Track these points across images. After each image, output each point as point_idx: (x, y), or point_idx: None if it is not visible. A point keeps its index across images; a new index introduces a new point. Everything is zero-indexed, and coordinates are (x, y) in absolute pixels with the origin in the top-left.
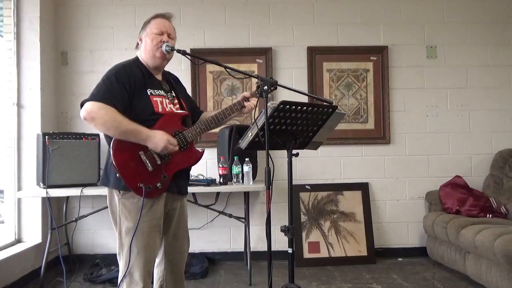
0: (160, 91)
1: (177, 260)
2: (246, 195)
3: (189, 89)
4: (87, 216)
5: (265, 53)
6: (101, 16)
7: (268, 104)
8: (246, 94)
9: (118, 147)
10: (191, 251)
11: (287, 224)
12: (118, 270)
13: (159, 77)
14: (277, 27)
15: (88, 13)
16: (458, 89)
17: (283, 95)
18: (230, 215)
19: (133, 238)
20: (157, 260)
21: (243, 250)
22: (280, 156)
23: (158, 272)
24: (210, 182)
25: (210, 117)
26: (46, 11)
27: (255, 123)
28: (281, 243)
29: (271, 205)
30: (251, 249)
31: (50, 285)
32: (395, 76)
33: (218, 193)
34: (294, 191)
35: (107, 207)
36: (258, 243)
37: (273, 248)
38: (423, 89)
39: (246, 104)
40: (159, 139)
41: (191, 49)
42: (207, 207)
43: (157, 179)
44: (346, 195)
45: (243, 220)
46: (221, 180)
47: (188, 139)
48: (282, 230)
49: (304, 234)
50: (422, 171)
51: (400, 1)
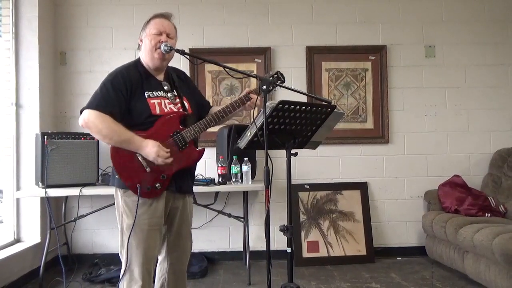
0: (159, 92)
1: (179, 259)
2: (245, 194)
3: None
4: (86, 216)
5: (264, 53)
6: (99, 16)
7: (267, 104)
8: (249, 91)
9: (117, 148)
10: None
11: (286, 223)
12: (117, 270)
13: (160, 77)
14: (276, 26)
15: (87, 13)
16: (456, 88)
17: (282, 94)
18: (229, 215)
19: (130, 235)
20: (160, 258)
21: (242, 249)
22: (279, 155)
23: (160, 270)
24: (209, 182)
25: (211, 115)
26: (45, 11)
27: (254, 123)
28: (280, 242)
29: (270, 205)
30: (250, 249)
31: (49, 285)
32: (393, 75)
33: (217, 193)
34: (293, 190)
35: (106, 206)
36: (257, 243)
37: (272, 247)
38: (421, 88)
39: (252, 96)
40: (148, 150)
41: (190, 49)
42: (206, 206)
43: (156, 179)
44: (345, 195)
45: (242, 219)
46: (220, 180)
47: (187, 138)
48: (281, 230)
49: (303, 234)
50: (421, 170)
51: (399, 0)
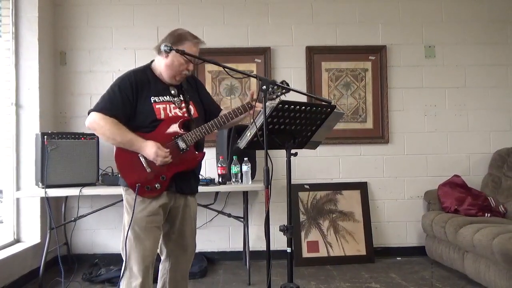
0: (165, 97)
1: (180, 258)
2: (245, 194)
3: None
4: (86, 216)
5: (263, 53)
6: (99, 16)
7: (267, 104)
8: (250, 95)
9: (120, 149)
10: None
11: (286, 223)
12: (117, 270)
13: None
14: (275, 27)
15: (87, 13)
16: (456, 88)
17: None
18: (229, 215)
19: (128, 231)
20: (162, 257)
21: (242, 249)
22: (279, 155)
23: (162, 269)
24: (209, 182)
25: (213, 121)
26: (45, 11)
27: (253, 123)
28: (280, 242)
29: (270, 205)
30: (250, 249)
31: (49, 285)
32: (393, 75)
33: (217, 193)
34: (293, 190)
35: (106, 206)
36: (257, 243)
37: (272, 247)
38: (421, 88)
39: (257, 104)
40: (148, 151)
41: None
42: (206, 206)
43: (156, 180)
44: (345, 195)
45: (242, 219)
46: (220, 180)
47: (188, 142)
48: (281, 230)
49: (303, 234)
50: (421, 170)
51: (399, 0)
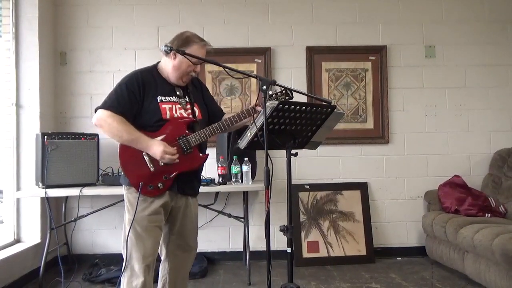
0: (171, 97)
1: (180, 259)
2: (245, 194)
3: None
4: (86, 216)
5: (264, 53)
6: (100, 16)
7: (267, 104)
8: (255, 105)
9: (124, 147)
10: None
11: (286, 223)
12: (117, 270)
13: (174, 83)
14: (276, 27)
15: (87, 13)
16: (456, 88)
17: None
18: (229, 215)
19: (130, 230)
20: (162, 258)
21: (242, 249)
22: (279, 155)
23: (162, 269)
24: (209, 182)
25: (217, 123)
26: (45, 11)
27: (254, 123)
28: (280, 242)
29: (270, 205)
30: (250, 249)
31: (49, 285)
32: (393, 75)
33: (217, 193)
34: (293, 190)
35: (106, 207)
36: (257, 243)
37: (272, 247)
38: (421, 88)
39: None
40: (155, 150)
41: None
42: (206, 206)
43: (159, 179)
44: (345, 195)
45: (242, 219)
46: (220, 180)
47: (192, 143)
48: (281, 230)
49: (303, 234)
50: (421, 170)
51: (399, 0)
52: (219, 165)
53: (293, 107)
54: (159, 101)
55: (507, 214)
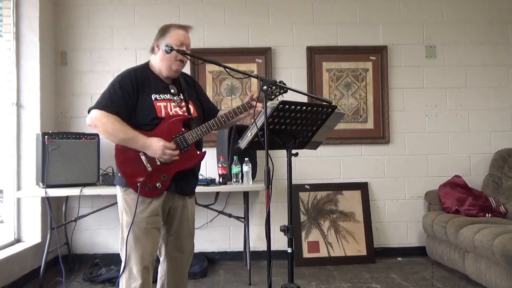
0: (166, 95)
1: (178, 259)
2: (246, 194)
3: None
4: (86, 216)
5: (264, 53)
6: (100, 16)
7: (268, 104)
8: (250, 97)
9: (121, 147)
10: None
11: (286, 223)
12: (117, 270)
13: (167, 81)
14: (276, 27)
15: (88, 13)
16: (457, 88)
17: (282, 94)
18: (230, 215)
19: (129, 232)
20: (161, 259)
21: (242, 249)
22: (279, 155)
23: (161, 270)
24: (210, 182)
25: (213, 120)
26: (46, 11)
27: (254, 123)
28: (280, 242)
29: (271, 205)
30: (251, 249)
31: (50, 285)
32: (394, 75)
33: (217, 193)
34: (294, 190)
35: (106, 206)
36: (258, 243)
37: (273, 247)
38: (422, 88)
39: (257, 105)
40: (155, 147)
41: (190, 49)
42: (206, 206)
43: (157, 179)
44: (346, 195)
45: (243, 219)
46: (220, 180)
47: (189, 141)
48: (281, 230)
49: (303, 234)
50: (421, 170)
51: (399, 0)
52: (220, 165)
53: (293, 107)
54: (153, 99)
55: (508, 214)
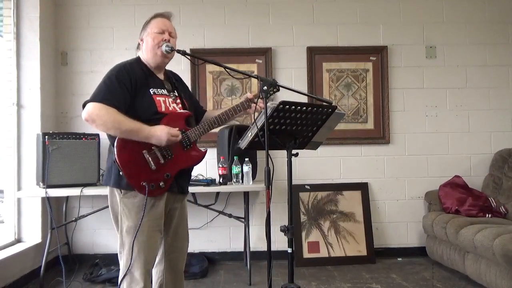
0: (163, 90)
1: (176, 259)
2: (246, 195)
3: (189, 89)
4: (87, 216)
5: (264, 53)
6: (100, 16)
7: (268, 104)
8: (249, 96)
9: (122, 146)
10: (190, 250)
11: (286, 224)
12: (118, 270)
13: (161, 76)
14: (276, 27)
15: (88, 13)
16: (457, 89)
17: (282, 95)
18: (230, 215)
19: (135, 237)
20: (157, 260)
21: (242, 250)
22: (279, 156)
23: (157, 272)
24: (210, 182)
25: (213, 117)
26: (46, 11)
27: (254, 123)
28: (280, 243)
29: (271, 205)
30: (251, 249)
31: (50, 285)
32: (394, 76)
33: (217, 193)
34: (294, 191)
35: (107, 206)
36: (258, 243)
37: (273, 248)
38: (422, 89)
39: (252, 105)
40: (160, 133)
41: (190, 49)
42: (206, 207)
43: (160, 178)
44: (346, 195)
45: (243, 220)
46: (220, 180)
47: (191, 138)
48: (281, 230)
49: (303, 234)
50: (422, 171)
51: (400, 1)
52: (220, 165)
53: (293, 107)
54: (152, 93)
55: (508, 215)
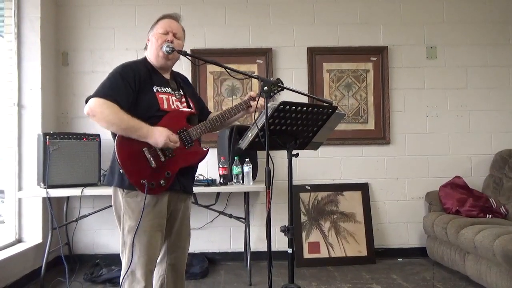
0: (167, 88)
1: (178, 259)
2: (246, 195)
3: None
4: (87, 216)
5: (265, 54)
6: (101, 16)
7: (268, 105)
8: (252, 94)
9: (123, 143)
10: (191, 251)
11: (287, 224)
12: (118, 270)
13: (166, 76)
14: (277, 27)
15: (89, 13)
16: (458, 89)
17: (283, 95)
18: (230, 215)
19: (135, 237)
20: (158, 259)
21: (243, 250)
22: (280, 156)
23: (159, 271)
24: (211, 183)
25: (215, 116)
26: (47, 12)
27: (255, 124)
28: (281, 243)
29: (271, 205)
30: (251, 249)
31: (51, 285)
32: (395, 76)
33: (218, 194)
34: (294, 191)
35: (108, 207)
36: (258, 243)
37: (273, 248)
38: (423, 89)
39: (253, 103)
40: (159, 135)
41: (191, 50)
42: (207, 207)
43: (161, 176)
44: (346, 196)
45: (243, 220)
46: (221, 181)
47: (193, 137)
48: (282, 230)
49: (304, 234)
50: (422, 171)
51: (400, 1)
52: (220, 166)
53: (294, 107)
54: (155, 91)
55: (508, 215)
